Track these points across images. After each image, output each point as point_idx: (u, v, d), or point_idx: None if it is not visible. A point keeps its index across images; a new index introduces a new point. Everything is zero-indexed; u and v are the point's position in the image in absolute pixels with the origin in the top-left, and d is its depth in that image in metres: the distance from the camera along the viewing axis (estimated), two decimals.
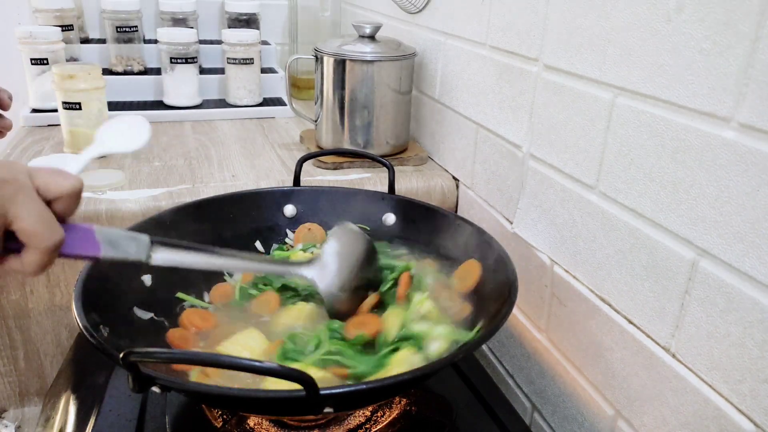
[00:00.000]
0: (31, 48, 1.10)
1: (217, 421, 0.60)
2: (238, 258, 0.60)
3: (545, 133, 0.70)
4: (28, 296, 0.83)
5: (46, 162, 0.90)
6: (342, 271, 0.64)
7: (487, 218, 0.86)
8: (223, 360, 0.45)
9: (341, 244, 0.66)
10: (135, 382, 0.44)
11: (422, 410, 0.63)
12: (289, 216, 0.79)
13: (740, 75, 0.45)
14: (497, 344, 0.88)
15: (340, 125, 1.00)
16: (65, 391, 0.70)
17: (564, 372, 0.71)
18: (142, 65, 1.33)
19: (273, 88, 1.37)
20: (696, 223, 0.50)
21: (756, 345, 0.46)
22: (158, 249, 0.51)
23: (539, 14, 0.69)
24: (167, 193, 0.87)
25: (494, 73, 0.81)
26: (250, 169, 0.97)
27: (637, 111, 0.56)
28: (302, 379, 0.41)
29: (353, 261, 0.66)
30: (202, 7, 1.43)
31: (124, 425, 0.62)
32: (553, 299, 0.72)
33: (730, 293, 0.48)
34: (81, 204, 0.45)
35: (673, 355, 0.54)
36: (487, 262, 0.65)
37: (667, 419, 0.55)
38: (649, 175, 0.55)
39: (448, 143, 0.98)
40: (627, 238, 0.59)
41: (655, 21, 0.53)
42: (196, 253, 0.55)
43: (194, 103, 1.26)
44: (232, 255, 0.59)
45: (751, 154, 0.45)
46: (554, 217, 0.70)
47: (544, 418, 0.77)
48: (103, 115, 0.98)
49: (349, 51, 0.95)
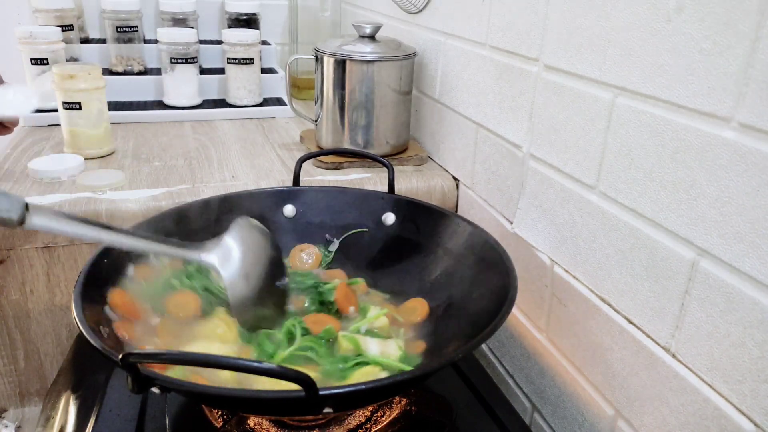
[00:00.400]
0: (31, 48, 1.10)
1: (217, 421, 0.60)
2: (131, 236, 0.56)
3: (545, 133, 0.70)
4: (28, 296, 0.83)
5: (46, 162, 0.90)
6: (246, 258, 0.60)
7: (487, 218, 0.86)
8: (223, 360, 0.45)
9: (243, 232, 0.62)
10: (134, 382, 0.44)
11: (422, 410, 0.63)
12: (288, 216, 0.79)
13: (740, 75, 0.45)
14: (497, 344, 0.88)
15: (340, 125, 1.00)
16: (65, 391, 0.70)
17: (564, 372, 0.71)
18: (142, 65, 1.33)
19: (273, 88, 1.37)
20: (696, 223, 0.50)
21: (756, 345, 0.46)
22: (35, 214, 0.49)
23: (539, 14, 0.69)
24: (167, 193, 0.87)
25: (494, 73, 0.81)
26: (250, 169, 0.97)
27: (637, 111, 0.56)
28: (302, 380, 0.41)
29: (256, 249, 0.62)
30: (202, 7, 1.43)
31: (124, 425, 0.62)
32: (553, 299, 0.72)
33: (731, 293, 0.48)
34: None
35: (673, 355, 0.54)
36: (487, 262, 0.65)
37: (667, 419, 0.55)
38: (649, 175, 0.55)
39: (448, 143, 0.98)
40: (627, 238, 0.59)
41: (655, 21, 0.53)
42: (77, 224, 0.52)
43: (194, 103, 1.26)
44: (120, 231, 0.55)
45: (751, 154, 0.45)
46: (554, 217, 0.70)
47: (544, 418, 0.77)
48: (103, 115, 0.98)
49: (349, 51, 0.95)
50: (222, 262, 0.59)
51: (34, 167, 0.88)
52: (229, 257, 0.60)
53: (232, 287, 0.59)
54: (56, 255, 0.81)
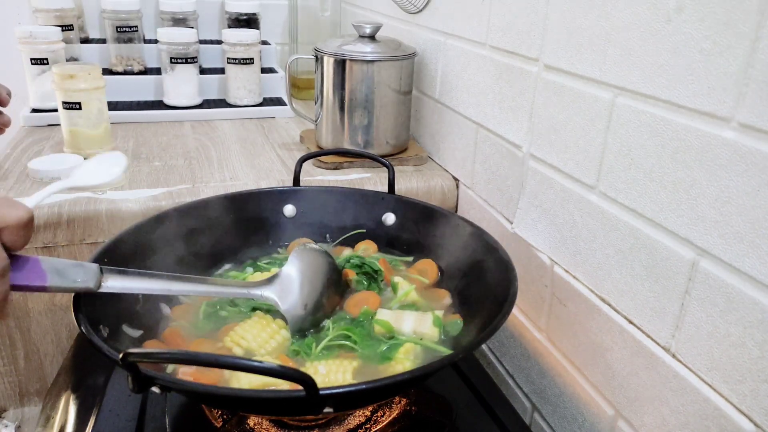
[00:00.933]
0: (31, 48, 1.10)
1: (217, 421, 0.60)
2: (194, 282, 0.59)
3: (545, 133, 0.70)
4: (28, 296, 0.83)
5: (46, 162, 0.90)
6: (303, 288, 0.63)
7: (487, 218, 0.86)
8: (223, 360, 0.45)
9: (301, 262, 0.64)
10: (135, 382, 0.43)
11: (422, 410, 0.63)
12: (288, 216, 0.79)
13: (740, 75, 0.45)
14: (497, 344, 0.88)
15: (340, 125, 1.00)
16: (65, 391, 0.70)
17: (564, 372, 0.71)
18: (142, 65, 1.33)
19: (273, 88, 1.37)
20: (696, 223, 0.50)
21: (756, 345, 0.46)
22: (109, 276, 0.51)
23: (539, 14, 0.69)
24: (167, 193, 0.87)
25: (494, 73, 0.81)
26: (250, 168, 0.97)
27: (637, 111, 0.56)
28: (302, 380, 0.41)
29: (314, 278, 0.64)
30: (202, 7, 1.43)
31: (124, 425, 0.62)
32: (553, 299, 0.72)
33: (731, 293, 0.48)
34: (32, 234, 0.44)
35: (673, 355, 0.54)
36: (487, 262, 0.65)
37: (667, 419, 0.55)
38: (649, 175, 0.55)
39: (448, 143, 0.98)
40: (627, 238, 0.59)
41: (655, 21, 0.53)
42: (148, 279, 0.55)
43: (194, 103, 1.26)
44: (187, 279, 0.59)
45: (751, 154, 0.45)
46: (554, 217, 0.70)
47: (544, 418, 0.77)
48: (103, 115, 0.98)
49: (349, 51, 0.95)
50: (281, 296, 0.62)
51: (34, 167, 0.88)
52: (288, 290, 0.62)
53: (292, 317, 0.62)
54: (56, 255, 0.81)
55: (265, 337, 0.60)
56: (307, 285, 0.63)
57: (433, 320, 0.63)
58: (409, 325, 0.62)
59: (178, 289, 0.59)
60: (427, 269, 0.72)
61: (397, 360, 0.58)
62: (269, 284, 0.62)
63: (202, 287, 0.60)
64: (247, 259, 0.76)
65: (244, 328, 0.61)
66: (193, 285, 0.59)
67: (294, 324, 0.62)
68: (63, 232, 0.80)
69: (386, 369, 0.58)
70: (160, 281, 0.56)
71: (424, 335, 0.62)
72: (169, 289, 0.57)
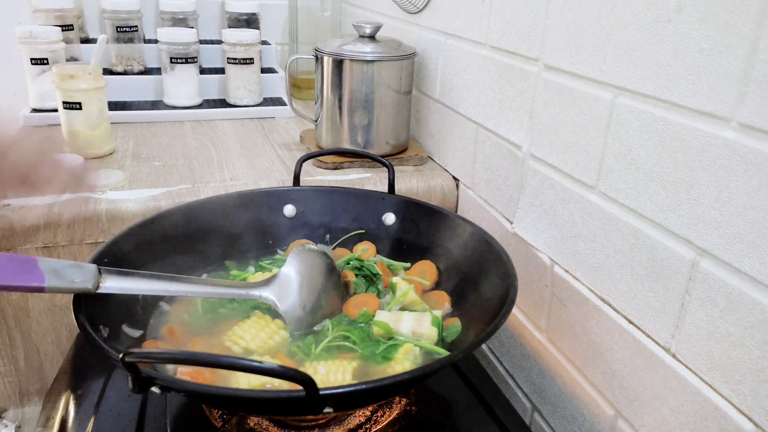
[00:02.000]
0: (31, 48, 1.10)
1: (217, 421, 0.60)
2: (193, 283, 0.60)
3: (545, 133, 0.70)
4: (28, 296, 0.83)
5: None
6: (302, 289, 0.63)
7: (487, 218, 0.86)
8: (223, 360, 0.45)
9: (300, 263, 0.64)
10: (135, 382, 0.43)
11: (422, 410, 0.63)
12: (288, 216, 0.79)
13: (740, 75, 0.45)
14: (497, 344, 0.88)
15: (340, 125, 1.00)
16: (65, 391, 0.70)
17: (564, 372, 0.71)
18: (142, 65, 1.33)
19: (273, 88, 1.37)
20: (696, 223, 0.50)
21: (756, 345, 0.46)
22: (107, 277, 0.51)
23: (539, 14, 0.69)
24: (167, 193, 0.87)
25: (494, 73, 0.81)
26: (250, 168, 0.97)
27: (638, 111, 0.56)
28: (302, 380, 0.41)
29: (313, 279, 0.64)
30: (202, 7, 1.43)
31: (124, 425, 0.62)
32: (553, 299, 0.72)
33: (731, 293, 0.48)
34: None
35: (673, 355, 0.54)
36: (487, 262, 0.65)
37: (667, 419, 0.55)
38: (649, 175, 0.55)
39: (448, 143, 0.98)
40: (627, 238, 0.59)
41: (655, 21, 0.53)
42: (147, 280, 0.55)
43: (194, 103, 1.26)
44: (186, 280, 0.59)
45: (751, 154, 0.45)
46: (554, 217, 0.70)
47: (544, 418, 0.77)
48: (103, 115, 0.98)
49: (349, 51, 0.95)
50: (280, 297, 0.62)
51: None
52: (286, 290, 0.63)
53: (290, 318, 0.62)
54: (56, 255, 0.81)
55: (264, 337, 0.60)
56: (305, 286, 0.63)
57: (431, 320, 0.63)
58: (408, 326, 0.62)
59: (177, 290, 0.59)
60: (426, 270, 0.72)
61: (396, 360, 0.58)
62: (268, 285, 0.62)
63: (201, 288, 0.60)
64: (247, 259, 0.76)
65: (243, 328, 0.61)
66: (192, 286, 0.59)
67: (293, 325, 0.62)
68: (63, 232, 0.80)
69: (386, 369, 0.58)
70: (159, 282, 0.56)
71: (422, 335, 0.62)
72: (168, 289, 0.57)
